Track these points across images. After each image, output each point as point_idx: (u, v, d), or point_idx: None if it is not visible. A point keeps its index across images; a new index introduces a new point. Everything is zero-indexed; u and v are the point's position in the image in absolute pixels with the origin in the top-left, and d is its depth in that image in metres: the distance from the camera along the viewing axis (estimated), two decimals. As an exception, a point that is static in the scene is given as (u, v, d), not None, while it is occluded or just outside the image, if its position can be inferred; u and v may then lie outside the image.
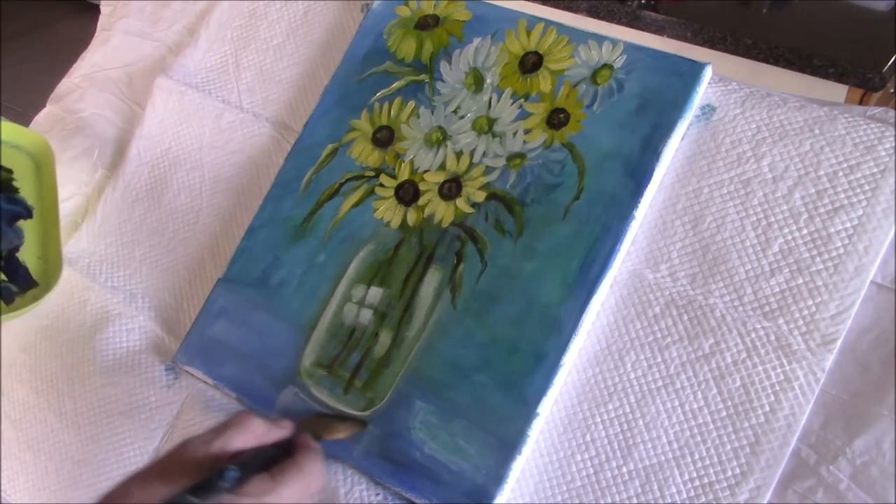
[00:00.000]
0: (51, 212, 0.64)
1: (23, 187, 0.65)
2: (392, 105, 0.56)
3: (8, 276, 0.61)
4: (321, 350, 0.51)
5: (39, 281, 0.61)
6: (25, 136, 0.67)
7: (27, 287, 0.61)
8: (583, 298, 0.46)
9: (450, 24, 0.56)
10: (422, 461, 0.46)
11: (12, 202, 0.64)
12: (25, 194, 0.65)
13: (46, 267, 0.62)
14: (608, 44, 0.51)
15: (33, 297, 0.60)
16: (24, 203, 0.64)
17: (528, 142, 0.51)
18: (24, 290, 0.61)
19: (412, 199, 0.53)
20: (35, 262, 0.62)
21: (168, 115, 0.66)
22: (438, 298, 0.49)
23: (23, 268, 0.61)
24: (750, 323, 0.44)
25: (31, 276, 0.61)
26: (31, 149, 0.67)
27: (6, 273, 0.61)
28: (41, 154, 0.67)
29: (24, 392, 0.61)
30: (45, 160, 0.66)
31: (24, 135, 0.67)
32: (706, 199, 0.47)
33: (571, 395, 0.46)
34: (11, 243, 0.62)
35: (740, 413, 0.43)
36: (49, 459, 0.58)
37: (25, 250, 0.62)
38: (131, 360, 0.58)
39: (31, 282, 0.61)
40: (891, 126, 0.45)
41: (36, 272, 0.62)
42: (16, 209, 0.63)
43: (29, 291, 0.61)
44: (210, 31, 0.67)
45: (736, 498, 0.41)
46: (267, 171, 0.60)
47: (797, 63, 1.07)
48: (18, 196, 0.64)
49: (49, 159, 0.66)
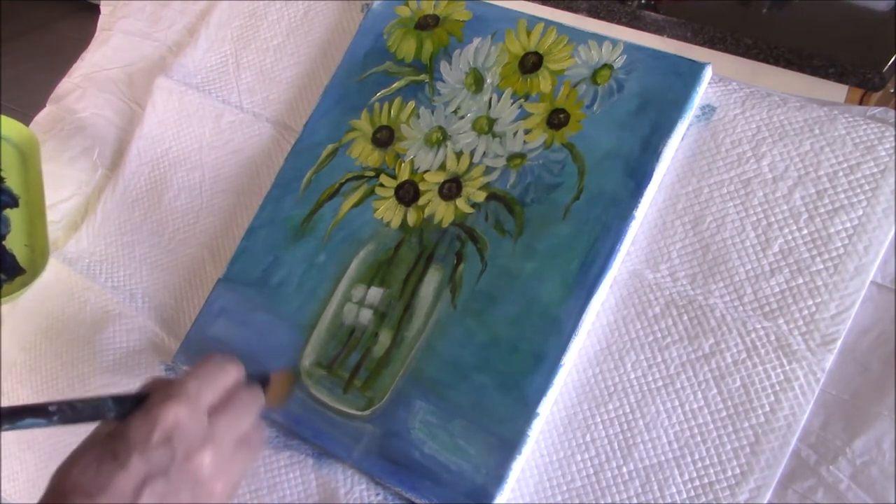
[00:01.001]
0: (37, 201, 0.65)
1: (9, 177, 0.66)
2: (392, 105, 0.56)
3: None
4: (321, 350, 0.51)
5: (26, 268, 0.62)
6: (10, 127, 0.68)
7: (14, 274, 0.62)
8: (583, 298, 0.46)
9: (450, 24, 0.56)
10: (422, 461, 0.46)
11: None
12: (11, 184, 0.66)
13: (33, 255, 0.63)
14: (608, 44, 0.51)
15: (21, 284, 0.61)
16: (10, 192, 0.65)
17: (529, 142, 0.51)
18: (12, 277, 0.62)
19: (412, 200, 0.53)
20: (22, 250, 0.63)
21: (168, 115, 0.66)
22: (438, 298, 0.49)
23: (10, 255, 0.62)
24: (750, 323, 0.44)
25: (18, 263, 0.62)
26: (16, 139, 0.68)
27: None
28: (26, 144, 0.68)
29: (24, 392, 0.61)
30: (30, 150, 0.67)
31: (9, 125, 0.68)
32: (706, 199, 0.47)
33: (571, 395, 0.46)
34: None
35: (740, 413, 0.43)
36: (49, 459, 0.58)
37: (12, 238, 0.64)
38: (131, 360, 0.58)
39: (18, 269, 0.62)
40: (891, 126, 0.45)
41: (23, 259, 0.63)
42: (1, 198, 0.65)
43: (17, 278, 0.62)
44: (210, 31, 0.67)
45: (736, 498, 0.41)
46: (267, 171, 0.60)
47: (797, 63, 1.07)
48: (4, 185, 0.65)
49: (34, 149, 0.67)
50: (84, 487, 0.36)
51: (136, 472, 0.36)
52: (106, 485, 0.36)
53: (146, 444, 0.37)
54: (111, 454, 0.37)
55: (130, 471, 0.36)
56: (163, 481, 0.37)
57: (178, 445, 0.38)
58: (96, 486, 0.36)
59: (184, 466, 0.38)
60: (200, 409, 0.40)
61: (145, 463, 0.37)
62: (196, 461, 0.38)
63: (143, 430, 0.38)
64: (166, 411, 0.38)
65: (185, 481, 0.38)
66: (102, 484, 0.36)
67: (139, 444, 0.37)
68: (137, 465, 0.37)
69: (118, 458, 0.37)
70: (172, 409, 0.38)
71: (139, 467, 0.37)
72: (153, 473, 0.37)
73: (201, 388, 0.40)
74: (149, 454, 0.37)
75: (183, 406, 0.39)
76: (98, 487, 0.36)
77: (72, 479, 0.37)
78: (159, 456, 0.37)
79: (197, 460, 0.38)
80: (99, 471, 0.37)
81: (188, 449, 0.38)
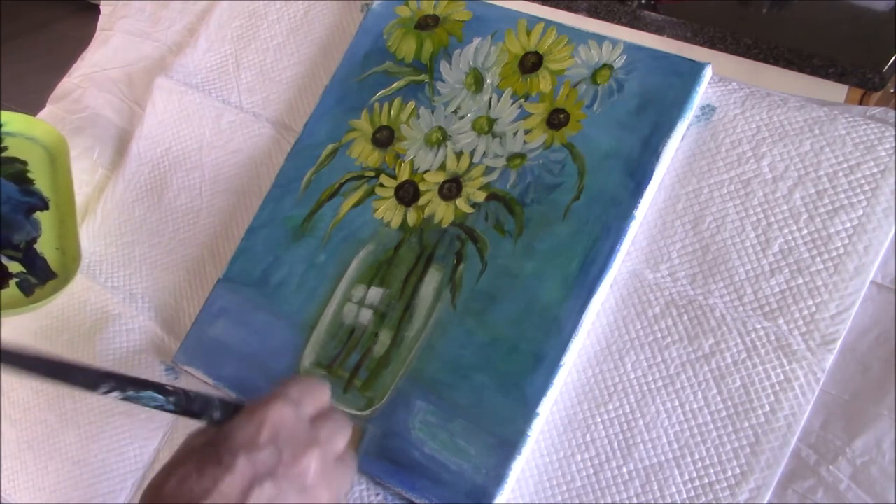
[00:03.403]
0: (67, 203, 0.64)
1: (38, 179, 0.65)
2: (392, 105, 0.56)
3: (27, 268, 0.60)
4: (321, 350, 0.51)
5: (58, 272, 0.61)
6: (39, 128, 0.67)
7: (46, 278, 0.60)
8: (583, 298, 0.46)
9: (450, 24, 0.56)
10: (422, 461, 0.46)
11: (28, 194, 0.64)
12: (41, 186, 0.65)
13: (65, 258, 0.62)
14: (608, 44, 0.51)
15: (53, 289, 0.59)
16: (40, 194, 0.64)
17: (529, 142, 0.51)
18: (44, 281, 0.60)
19: (412, 200, 0.53)
20: (53, 254, 0.62)
21: (168, 115, 0.66)
22: (438, 298, 0.49)
23: (41, 259, 0.61)
24: (750, 323, 0.44)
25: (49, 267, 0.61)
26: (45, 140, 0.67)
27: (25, 265, 0.60)
28: (55, 145, 0.67)
29: (24, 392, 0.61)
30: (59, 151, 0.66)
31: (38, 126, 0.67)
32: (706, 199, 0.47)
33: (571, 395, 0.46)
34: (29, 235, 0.62)
35: (740, 413, 0.43)
36: (49, 459, 0.58)
37: (43, 242, 0.62)
38: (131, 360, 0.58)
39: (50, 273, 0.61)
40: (891, 126, 0.45)
41: (54, 263, 0.61)
42: (31, 201, 0.63)
43: (48, 283, 0.60)
44: (210, 31, 0.67)
45: (736, 498, 0.41)
46: (267, 171, 0.60)
47: (797, 63, 1.07)
48: (34, 188, 0.64)
49: (63, 150, 0.66)
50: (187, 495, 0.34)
51: (243, 473, 0.35)
52: (211, 489, 0.34)
53: (253, 444, 0.36)
54: (214, 459, 0.35)
55: (237, 473, 0.35)
56: (270, 483, 0.35)
57: (285, 446, 0.36)
58: (201, 490, 0.34)
59: (291, 469, 0.36)
60: (303, 414, 0.39)
61: (252, 464, 0.35)
62: (303, 464, 0.37)
63: (249, 430, 0.36)
64: (272, 410, 0.37)
65: (293, 484, 0.36)
66: (207, 488, 0.34)
67: (245, 445, 0.36)
68: (244, 466, 0.35)
69: (222, 461, 0.35)
70: (278, 408, 0.37)
71: (246, 469, 0.35)
72: (260, 474, 0.35)
73: (302, 396, 0.39)
74: (255, 455, 0.35)
75: (288, 406, 0.38)
76: (203, 491, 0.34)
77: (169, 490, 0.35)
78: (266, 456, 0.36)
79: (304, 463, 0.37)
80: (202, 477, 0.35)
81: (295, 450, 0.37)
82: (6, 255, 0.60)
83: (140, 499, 0.37)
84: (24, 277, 0.60)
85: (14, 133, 0.66)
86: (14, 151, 0.66)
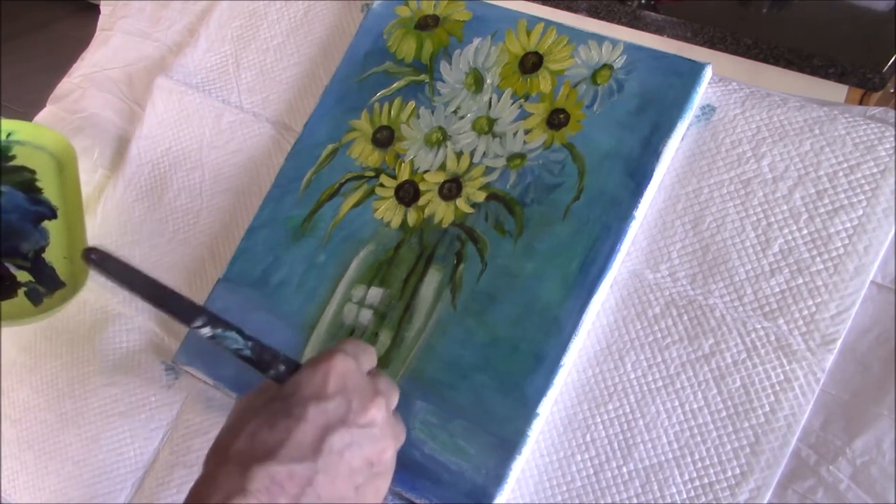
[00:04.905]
0: (75, 211, 0.63)
1: (46, 188, 0.64)
2: (392, 105, 0.56)
3: (35, 278, 0.60)
4: (321, 350, 0.51)
5: (66, 281, 0.60)
6: (48, 137, 0.66)
7: (55, 287, 0.60)
8: (583, 298, 0.46)
9: (450, 24, 0.56)
10: (421, 461, 0.46)
11: (36, 203, 0.63)
12: (49, 194, 0.64)
13: (73, 267, 0.61)
14: (608, 44, 0.51)
15: (61, 298, 0.59)
16: (48, 203, 0.64)
17: (529, 142, 0.51)
18: (52, 290, 0.60)
19: (412, 200, 0.53)
20: (61, 263, 0.61)
21: (168, 115, 0.66)
22: (438, 298, 0.50)
23: (49, 268, 0.61)
24: (750, 323, 0.44)
25: (58, 276, 0.60)
26: (53, 149, 0.66)
27: (33, 274, 0.60)
28: (63, 154, 0.66)
29: (24, 392, 0.61)
30: (66, 159, 0.66)
31: (47, 135, 0.66)
32: (706, 199, 0.47)
33: (571, 395, 0.46)
34: (37, 244, 0.61)
35: (740, 413, 0.43)
36: (49, 459, 0.58)
37: (51, 251, 0.62)
38: (131, 360, 0.58)
39: (58, 282, 0.60)
40: (891, 126, 0.45)
41: (63, 272, 0.61)
42: (40, 210, 0.63)
43: (57, 292, 0.60)
44: (210, 31, 0.67)
45: (736, 498, 0.41)
46: (267, 171, 0.60)
47: (797, 63, 1.07)
48: (42, 196, 0.64)
49: (72, 159, 0.65)
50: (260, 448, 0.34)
51: (315, 422, 0.35)
52: (286, 439, 0.34)
53: (322, 394, 0.36)
54: (283, 412, 0.35)
55: (309, 422, 0.35)
56: (344, 429, 0.35)
57: (353, 396, 0.37)
58: (275, 442, 0.34)
59: (361, 417, 0.36)
60: (363, 367, 0.39)
61: (323, 413, 0.35)
62: (371, 413, 0.37)
63: (316, 382, 0.36)
64: (336, 361, 0.37)
65: (365, 433, 0.36)
66: (282, 439, 0.34)
67: (314, 396, 0.36)
68: (315, 415, 0.35)
69: (292, 413, 0.35)
70: (341, 359, 0.37)
71: (318, 418, 0.35)
72: (332, 423, 0.35)
73: (359, 352, 0.40)
74: (325, 404, 0.36)
75: (350, 359, 0.38)
76: (277, 442, 0.34)
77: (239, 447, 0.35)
78: (336, 406, 0.36)
79: (372, 412, 0.37)
80: (273, 429, 0.35)
81: (363, 400, 0.37)
82: (15, 264, 0.60)
83: (204, 463, 0.36)
84: (33, 286, 0.59)
85: (23, 141, 0.66)
86: (23, 160, 0.65)
